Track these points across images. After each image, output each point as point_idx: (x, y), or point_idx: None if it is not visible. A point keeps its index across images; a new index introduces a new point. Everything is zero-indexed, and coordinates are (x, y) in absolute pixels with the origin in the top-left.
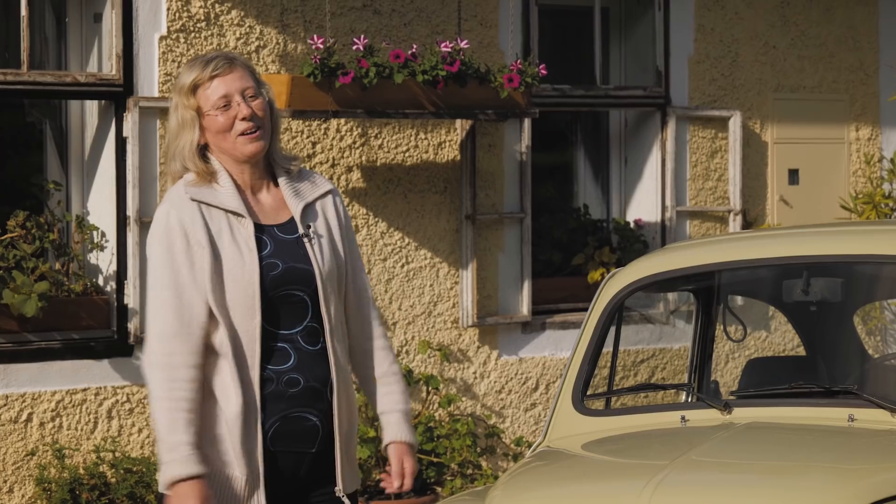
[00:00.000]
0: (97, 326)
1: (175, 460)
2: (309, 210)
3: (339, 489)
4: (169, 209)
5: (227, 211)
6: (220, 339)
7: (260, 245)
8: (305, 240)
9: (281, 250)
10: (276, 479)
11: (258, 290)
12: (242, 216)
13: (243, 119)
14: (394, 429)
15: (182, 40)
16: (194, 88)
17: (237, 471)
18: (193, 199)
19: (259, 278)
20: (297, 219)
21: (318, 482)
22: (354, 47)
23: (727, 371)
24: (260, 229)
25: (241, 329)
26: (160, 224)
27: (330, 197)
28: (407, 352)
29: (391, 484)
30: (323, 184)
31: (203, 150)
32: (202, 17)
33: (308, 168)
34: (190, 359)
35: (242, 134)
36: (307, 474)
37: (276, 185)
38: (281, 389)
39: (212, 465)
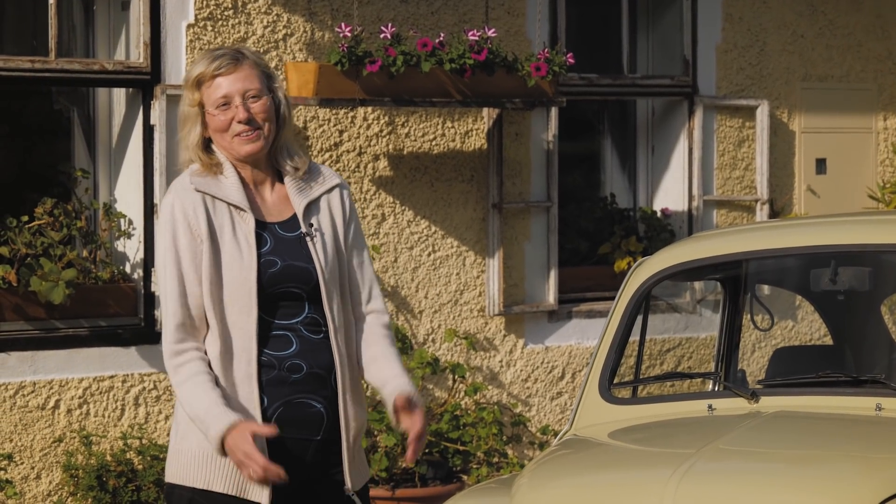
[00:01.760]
0: (124, 314)
1: (212, 420)
2: (312, 207)
3: (349, 487)
4: (174, 200)
5: (230, 204)
6: (218, 331)
7: (260, 241)
8: (308, 238)
9: (280, 248)
10: (281, 465)
11: (255, 286)
12: (244, 211)
13: (240, 122)
14: (399, 382)
15: (209, 28)
16: (198, 84)
17: None
18: (198, 190)
19: (256, 275)
20: (300, 216)
21: (324, 471)
22: (382, 36)
23: (754, 360)
24: (261, 226)
25: (238, 323)
26: (165, 215)
27: (337, 190)
28: (433, 340)
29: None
30: (330, 178)
31: (208, 143)
32: (230, 5)
33: (336, 155)
34: (197, 344)
35: (238, 135)
36: (312, 462)
37: (282, 182)
38: (283, 375)
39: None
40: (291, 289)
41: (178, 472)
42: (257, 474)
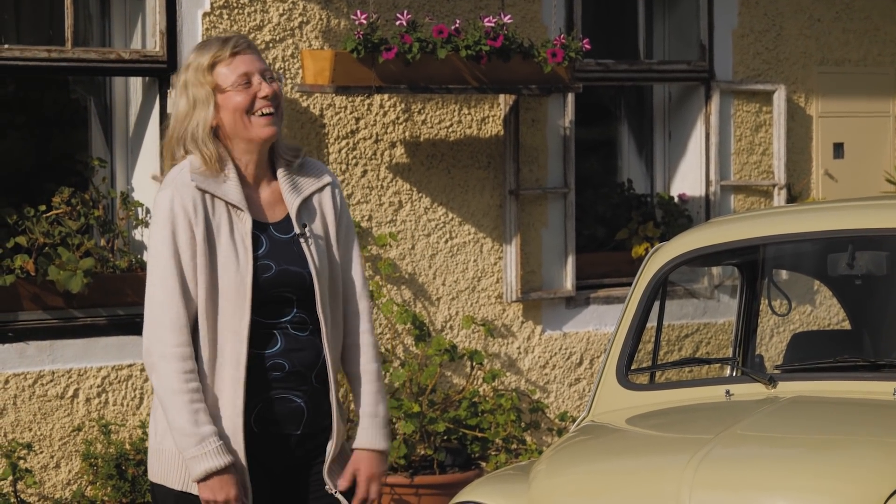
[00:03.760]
0: (142, 302)
1: (208, 452)
2: (305, 206)
3: (330, 486)
4: (173, 194)
5: (228, 203)
6: (209, 334)
7: (256, 244)
8: (301, 240)
9: (275, 251)
10: (265, 460)
11: (250, 290)
12: (242, 211)
13: (264, 97)
14: (360, 434)
15: (225, 17)
16: (212, 66)
17: None
18: (198, 188)
19: (252, 280)
20: (294, 216)
21: (306, 465)
22: (398, 22)
23: (772, 345)
24: (258, 226)
25: (230, 327)
26: (164, 209)
27: (328, 189)
28: (451, 327)
29: (341, 484)
30: (323, 176)
31: (213, 134)
32: None
33: (352, 143)
34: (192, 350)
35: (262, 115)
36: (294, 456)
37: (276, 177)
38: (264, 373)
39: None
40: (284, 293)
41: (160, 471)
42: None
